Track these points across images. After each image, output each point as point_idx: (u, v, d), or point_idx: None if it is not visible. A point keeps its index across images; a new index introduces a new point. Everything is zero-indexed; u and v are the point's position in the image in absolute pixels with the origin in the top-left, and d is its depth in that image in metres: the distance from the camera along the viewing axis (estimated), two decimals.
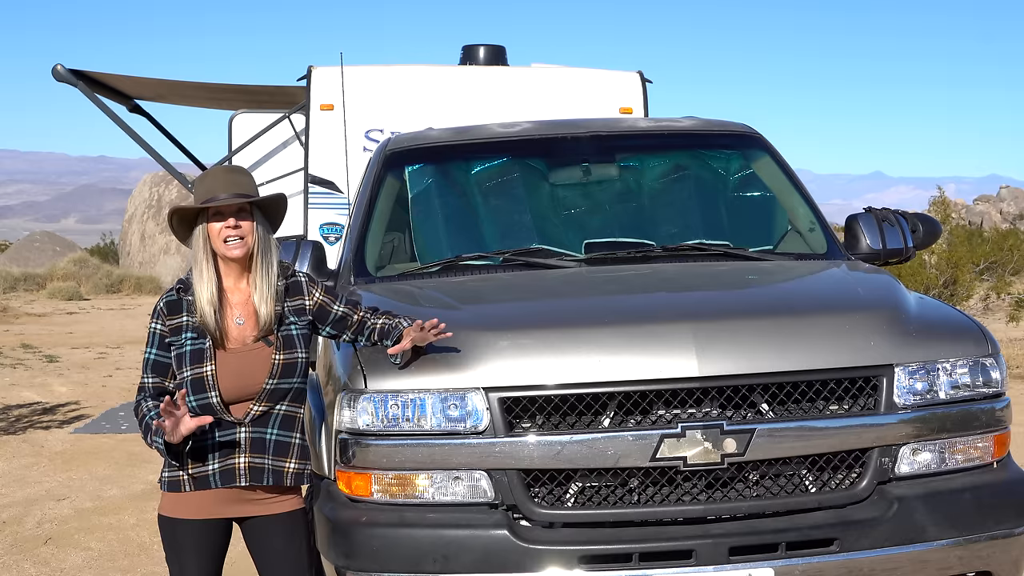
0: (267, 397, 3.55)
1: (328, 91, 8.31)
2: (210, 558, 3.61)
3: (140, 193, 34.30)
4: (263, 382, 3.53)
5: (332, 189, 8.37)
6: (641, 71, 8.80)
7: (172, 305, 3.59)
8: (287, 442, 3.59)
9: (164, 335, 3.58)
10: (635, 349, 3.54)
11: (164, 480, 3.58)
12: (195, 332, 3.55)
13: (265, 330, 3.58)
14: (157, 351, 3.58)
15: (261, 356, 3.55)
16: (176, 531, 3.58)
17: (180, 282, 3.63)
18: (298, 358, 3.60)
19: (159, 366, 3.57)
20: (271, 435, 3.57)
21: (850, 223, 4.93)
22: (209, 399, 3.50)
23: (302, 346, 3.63)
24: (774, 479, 3.57)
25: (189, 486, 3.53)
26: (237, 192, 3.56)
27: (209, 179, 3.62)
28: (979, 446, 3.71)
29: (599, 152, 5.30)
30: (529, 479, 3.51)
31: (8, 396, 12.08)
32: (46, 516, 7.27)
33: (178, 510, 3.57)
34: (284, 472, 3.58)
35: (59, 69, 9.79)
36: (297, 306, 3.66)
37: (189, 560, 3.59)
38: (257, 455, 3.54)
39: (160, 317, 3.59)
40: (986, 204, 42.32)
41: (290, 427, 3.60)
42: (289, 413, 3.61)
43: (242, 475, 3.53)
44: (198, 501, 3.55)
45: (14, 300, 25.17)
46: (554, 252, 4.63)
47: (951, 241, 16.78)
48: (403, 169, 5.17)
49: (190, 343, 3.54)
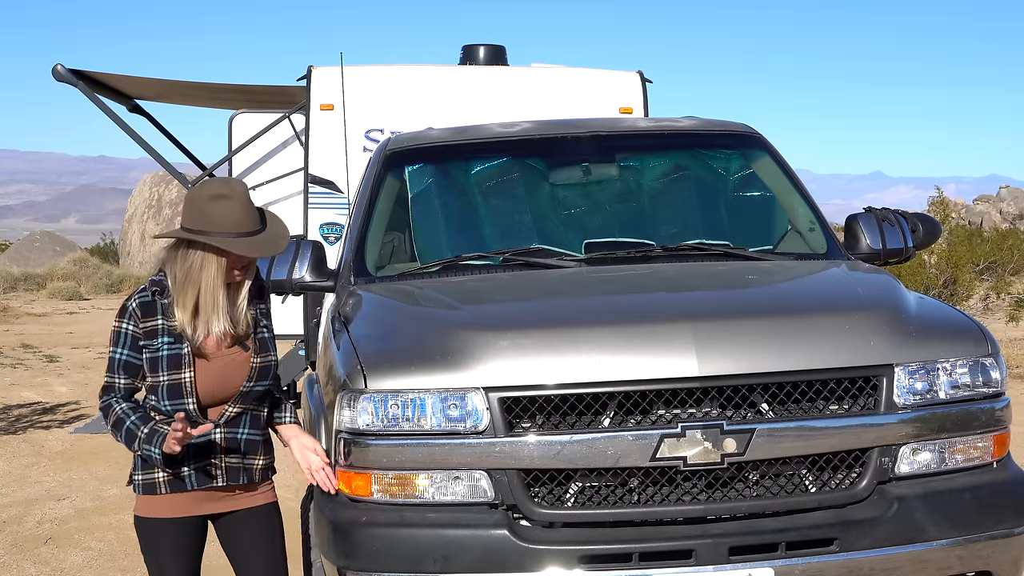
0: (242, 399, 3.60)
1: (328, 91, 8.31)
2: (188, 556, 3.65)
3: (140, 193, 34.32)
4: (240, 385, 3.58)
5: (332, 189, 8.37)
6: (641, 71, 8.80)
7: (146, 307, 3.52)
8: (256, 440, 3.67)
9: (137, 336, 3.52)
10: (635, 349, 3.54)
11: (138, 483, 3.58)
12: (171, 336, 3.51)
13: (242, 336, 3.61)
14: (129, 352, 3.52)
15: (238, 360, 3.59)
16: (153, 531, 3.60)
17: (153, 283, 3.55)
18: (272, 360, 3.68)
19: (130, 367, 3.53)
20: (243, 435, 3.63)
21: (850, 223, 4.93)
22: (184, 405, 3.50)
23: (274, 348, 3.71)
24: (774, 479, 3.57)
25: (164, 488, 3.55)
26: (256, 229, 3.52)
27: (235, 210, 3.49)
28: (979, 446, 3.70)
29: (599, 152, 5.29)
30: (529, 479, 3.51)
31: (8, 396, 12.09)
32: (46, 516, 7.27)
33: (153, 510, 3.58)
34: (254, 469, 3.66)
35: (59, 69, 9.79)
36: (264, 310, 3.73)
37: (168, 559, 3.61)
38: (232, 455, 3.60)
39: (133, 318, 3.52)
40: (986, 204, 42.31)
41: (257, 425, 3.68)
42: (257, 413, 3.69)
43: (218, 476, 3.58)
44: (173, 501, 3.57)
45: (14, 300, 25.17)
46: (554, 252, 4.63)
47: (951, 241, 16.78)
48: (403, 169, 5.17)
49: (167, 347, 3.50)
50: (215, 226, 3.45)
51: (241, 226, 3.48)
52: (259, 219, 3.56)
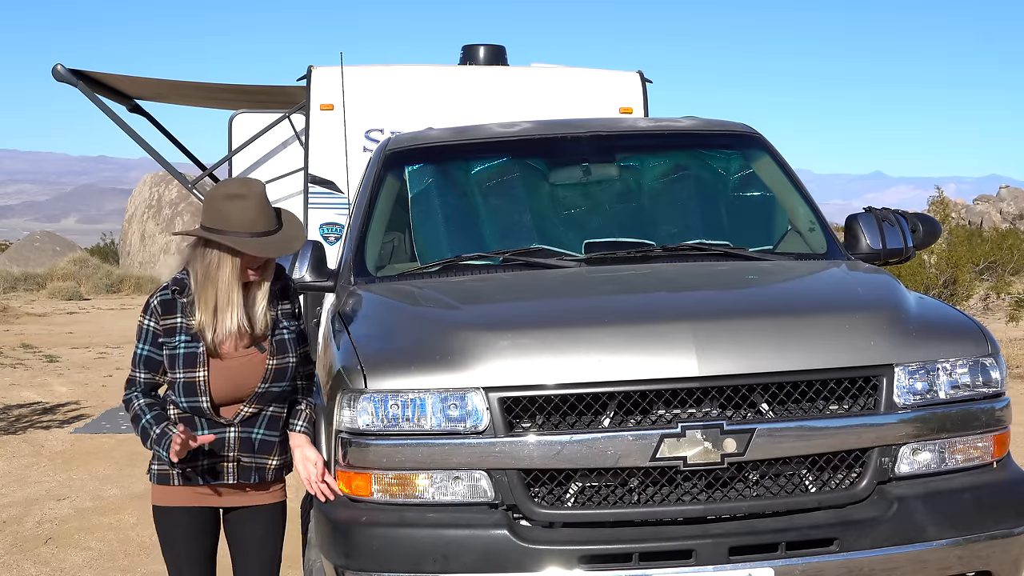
0: (257, 400, 3.63)
1: (328, 91, 8.31)
2: (203, 543, 3.72)
3: (140, 193, 34.29)
4: (255, 386, 3.61)
5: (332, 189, 8.36)
6: (641, 71, 8.80)
7: (167, 305, 3.61)
8: (272, 441, 3.69)
9: (157, 333, 3.60)
10: (635, 349, 3.54)
11: (153, 472, 3.68)
12: (188, 335, 3.58)
13: (259, 337, 3.63)
14: (150, 347, 3.62)
15: (254, 362, 3.62)
16: (170, 519, 3.68)
17: (175, 282, 3.63)
18: (289, 362, 3.68)
19: (151, 362, 3.62)
20: (257, 435, 3.66)
21: (850, 223, 4.93)
22: (199, 403, 3.57)
23: (294, 350, 3.71)
24: (774, 479, 3.57)
25: (178, 480, 3.64)
26: (272, 228, 3.55)
27: (251, 210, 3.52)
28: (979, 446, 3.71)
29: (599, 152, 5.29)
30: (529, 479, 3.51)
31: (8, 396, 12.08)
32: (46, 516, 7.27)
33: (169, 499, 3.66)
34: (267, 468, 3.70)
35: (59, 69, 9.79)
36: (287, 311, 3.73)
37: (183, 546, 3.69)
38: (245, 454, 3.64)
39: (154, 315, 3.61)
40: (986, 204, 42.32)
41: (275, 427, 3.70)
42: (275, 414, 3.71)
43: (230, 474, 3.65)
44: (186, 491, 3.65)
45: (14, 300, 25.16)
46: (554, 252, 4.63)
47: (951, 241, 16.77)
48: (403, 169, 5.17)
49: (184, 346, 3.57)
50: (230, 225, 3.50)
51: (255, 226, 3.51)
52: (275, 219, 3.60)
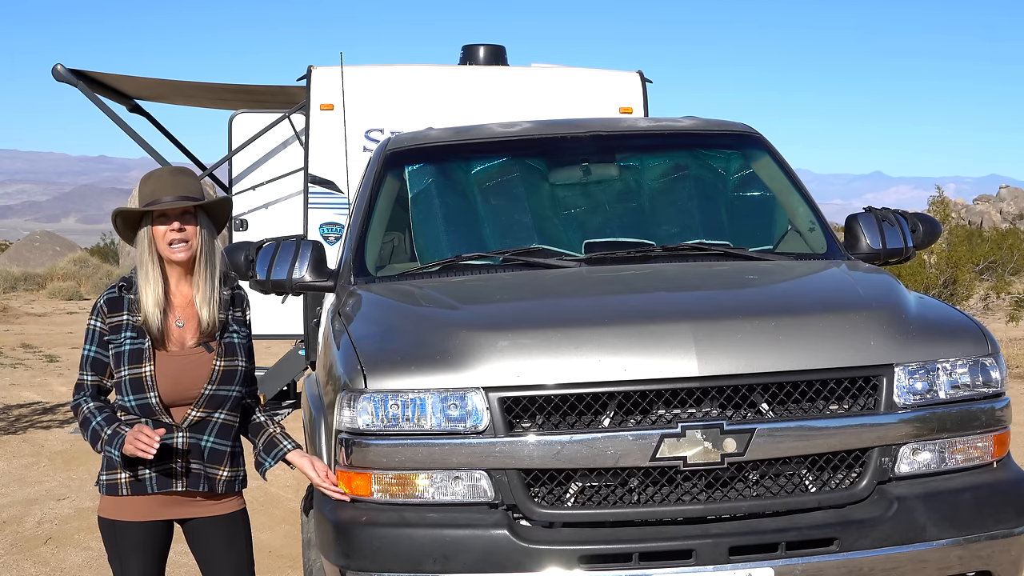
0: (205, 403, 3.56)
1: (328, 91, 8.32)
2: (152, 559, 3.61)
3: None
4: (202, 387, 3.54)
5: (332, 189, 8.37)
6: (641, 71, 8.81)
7: (113, 303, 3.57)
8: (221, 450, 3.60)
9: (103, 332, 3.56)
10: (635, 349, 3.54)
11: (102, 483, 3.57)
12: (135, 331, 3.53)
13: (206, 335, 3.58)
14: (96, 348, 3.57)
15: (201, 361, 3.56)
16: (117, 533, 3.57)
17: (123, 280, 3.60)
18: (238, 366, 3.62)
19: (98, 364, 3.57)
20: (207, 443, 3.57)
21: (850, 223, 4.93)
22: (147, 399, 3.50)
23: (243, 355, 3.66)
24: (774, 479, 3.57)
25: (126, 490, 3.53)
26: (182, 195, 3.53)
27: (154, 180, 3.57)
28: (979, 446, 3.70)
29: (599, 152, 5.29)
30: (529, 479, 3.51)
31: (8, 396, 12.09)
32: (46, 516, 7.27)
33: (118, 512, 3.56)
34: (217, 479, 3.60)
35: (59, 69, 9.80)
36: (239, 318, 3.69)
37: (131, 562, 3.58)
38: (194, 461, 3.55)
39: (100, 314, 3.57)
40: (986, 204, 42.33)
41: (226, 436, 3.62)
42: (227, 422, 3.62)
43: (178, 479, 3.54)
44: (137, 504, 3.54)
45: (14, 300, 25.18)
46: (554, 252, 4.63)
47: (951, 241, 16.78)
48: (403, 169, 5.17)
49: (129, 342, 3.52)
50: (142, 200, 3.54)
51: (160, 193, 3.52)
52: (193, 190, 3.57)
